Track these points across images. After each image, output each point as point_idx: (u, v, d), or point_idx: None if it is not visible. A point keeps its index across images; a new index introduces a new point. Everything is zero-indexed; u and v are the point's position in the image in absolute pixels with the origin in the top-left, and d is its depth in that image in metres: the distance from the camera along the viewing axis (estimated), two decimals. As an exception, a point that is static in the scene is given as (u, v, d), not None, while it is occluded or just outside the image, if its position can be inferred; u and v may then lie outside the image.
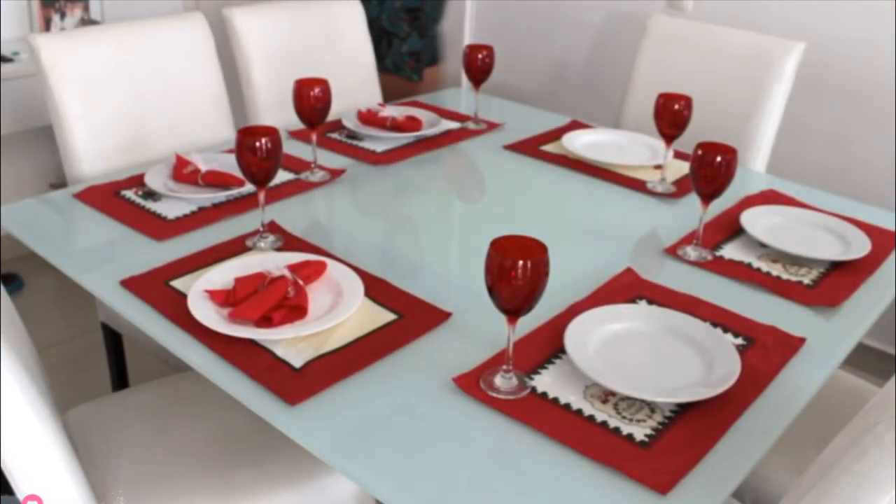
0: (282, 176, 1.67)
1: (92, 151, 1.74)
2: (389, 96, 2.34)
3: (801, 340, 1.18)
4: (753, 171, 1.95)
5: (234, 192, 1.57)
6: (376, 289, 1.25)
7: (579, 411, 1.02)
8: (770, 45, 2.00)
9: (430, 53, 2.60)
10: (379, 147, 1.87)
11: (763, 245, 1.45)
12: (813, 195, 1.70)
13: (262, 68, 2.07)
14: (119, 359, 1.87)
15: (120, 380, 1.89)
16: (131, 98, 1.82)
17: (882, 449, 0.68)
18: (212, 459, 1.28)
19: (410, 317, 1.19)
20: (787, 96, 1.99)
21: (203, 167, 1.60)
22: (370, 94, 2.30)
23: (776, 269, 1.38)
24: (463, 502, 0.90)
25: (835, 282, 1.35)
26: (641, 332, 1.17)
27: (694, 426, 1.00)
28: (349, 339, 1.13)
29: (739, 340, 1.17)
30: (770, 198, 1.66)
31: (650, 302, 1.26)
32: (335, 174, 1.70)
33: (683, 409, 1.02)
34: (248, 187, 1.57)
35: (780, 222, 1.53)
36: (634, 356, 1.12)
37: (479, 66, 1.98)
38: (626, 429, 0.99)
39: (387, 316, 1.19)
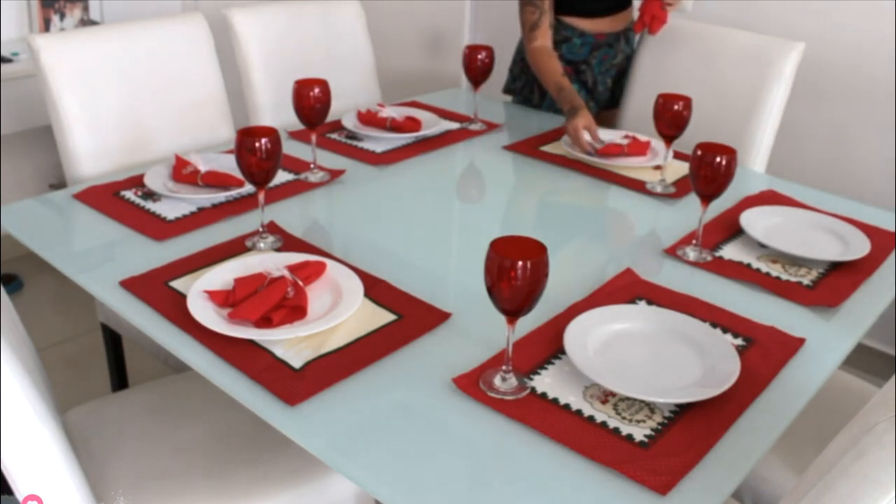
0: (281, 176, 1.67)
1: (91, 152, 1.74)
2: None
3: (801, 341, 1.18)
4: (753, 171, 1.95)
5: (234, 192, 1.57)
6: (376, 289, 1.25)
7: (579, 412, 1.02)
8: (770, 46, 2.00)
9: (608, 97, 2.23)
10: (378, 147, 1.87)
11: (763, 245, 1.45)
12: (813, 195, 1.70)
13: (262, 68, 2.07)
14: (119, 359, 1.87)
15: (120, 380, 1.89)
16: (131, 98, 1.82)
17: (882, 449, 0.68)
18: (212, 459, 1.28)
19: (410, 317, 1.19)
20: (787, 96, 1.99)
21: (202, 167, 1.60)
22: (370, 94, 2.30)
23: (776, 270, 1.38)
24: (463, 502, 0.90)
25: (834, 282, 1.35)
26: (641, 333, 1.17)
27: (693, 427, 1.00)
28: (349, 339, 1.13)
29: (739, 341, 1.17)
30: (769, 198, 1.66)
31: (650, 302, 1.26)
32: (335, 174, 1.70)
33: (683, 410, 1.02)
34: (248, 188, 1.57)
35: (780, 223, 1.53)
36: (634, 356, 1.12)
37: (478, 66, 1.98)
38: (625, 429, 0.99)
39: (386, 316, 1.19)
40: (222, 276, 1.24)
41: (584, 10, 2.09)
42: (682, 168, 1.78)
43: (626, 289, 1.30)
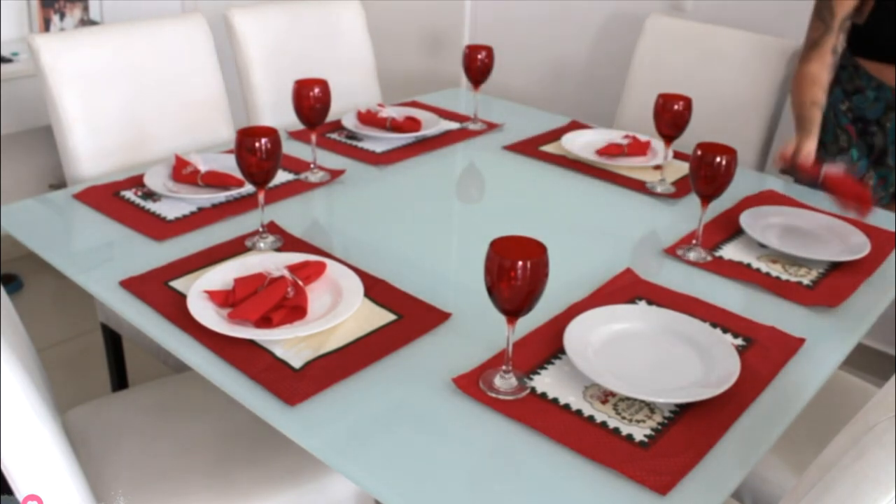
0: (281, 176, 1.67)
1: (91, 152, 1.74)
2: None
3: (801, 341, 1.18)
4: (753, 171, 1.95)
5: (234, 192, 1.57)
6: (376, 289, 1.25)
7: (579, 412, 1.02)
8: (770, 45, 2.00)
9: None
10: (378, 147, 1.87)
11: (762, 245, 1.45)
12: (813, 195, 1.70)
13: (262, 69, 2.07)
14: (119, 359, 1.87)
15: (120, 380, 1.89)
16: (131, 98, 1.82)
17: (882, 449, 0.68)
18: (212, 459, 1.28)
19: (410, 317, 1.19)
20: (787, 96, 1.99)
21: (202, 168, 1.60)
22: (370, 94, 2.30)
23: (775, 270, 1.38)
24: (462, 502, 0.90)
25: (834, 282, 1.35)
26: (641, 333, 1.17)
27: (693, 427, 1.00)
28: (349, 339, 1.13)
29: (739, 341, 1.17)
30: (769, 198, 1.66)
31: (650, 302, 1.26)
32: (335, 174, 1.70)
33: (683, 410, 1.02)
34: (248, 188, 1.57)
35: (780, 223, 1.53)
36: (634, 357, 1.12)
37: (478, 66, 1.98)
38: (625, 429, 0.99)
39: (386, 316, 1.19)
40: (222, 276, 1.24)
41: (886, 53, 1.63)
42: (682, 168, 1.78)
43: (626, 289, 1.30)
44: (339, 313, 1.16)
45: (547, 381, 1.07)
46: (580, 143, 1.89)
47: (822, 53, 1.66)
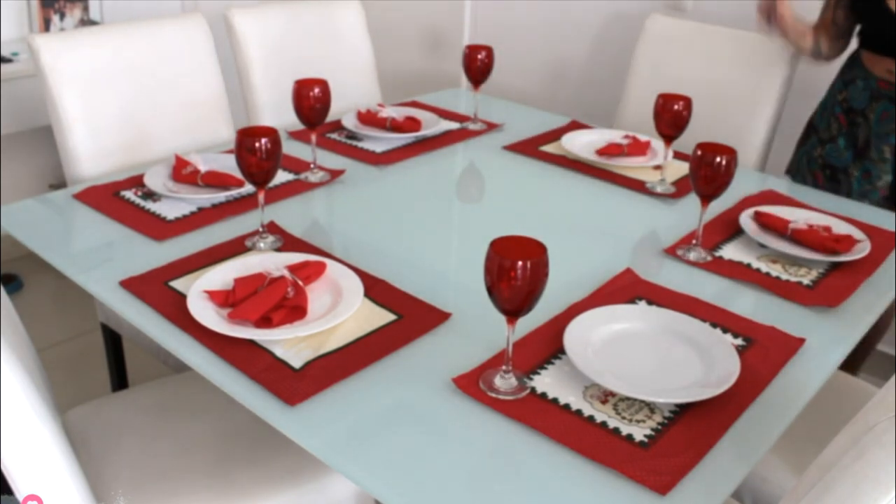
0: (281, 176, 1.67)
1: (91, 152, 1.75)
2: None
3: (801, 341, 1.18)
4: (753, 171, 1.95)
5: (234, 192, 1.57)
6: (376, 289, 1.25)
7: (579, 412, 1.02)
8: (770, 45, 2.00)
9: (889, 181, 1.73)
10: (378, 147, 1.87)
11: (762, 245, 1.45)
12: (813, 195, 1.70)
13: (262, 69, 2.07)
14: (119, 359, 1.87)
15: (120, 380, 1.89)
16: (131, 98, 1.82)
17: (882, 449, 0.68)
18: (212, 459, 1.28)
19: (410, 317, 1.19)
20: (787, 96, 1.99)
21: (202, 167, 1.60)
22: (370, 94, 2.30)
23: (775, 270, 1.38)
24: (462, 502, 0.90)
25: (834, 282, 1.35)
26: (641, 333, 1.17)
27: (693, 427, 1.00)
28: (349, 339, 1.13)
29: (739, 341, 1.17)
30: (769, 198, 1.66)
31: (650, 302, 1.26)
32: (335, 174, 1.70)
33: (683, 410, 1.02)
34: (248, 188, 1.57)
35: (780, 222, 1.53)
36: (634, 356, 1.12)
37: (478, 66, 1.98)
38: (625, 429, 0.99)
39: (386, 316, 1.19)
40: (222, 276, 1.24)
41: (879, 43, 1.62)
42: (682, 168, 1.78)
43: (626, 289, 1.30)
44: (339, 313, 1.16)
45: (547, 381, 1.07)
46: (580, 143, 1.89)
47: (822, 22, 1.82)
